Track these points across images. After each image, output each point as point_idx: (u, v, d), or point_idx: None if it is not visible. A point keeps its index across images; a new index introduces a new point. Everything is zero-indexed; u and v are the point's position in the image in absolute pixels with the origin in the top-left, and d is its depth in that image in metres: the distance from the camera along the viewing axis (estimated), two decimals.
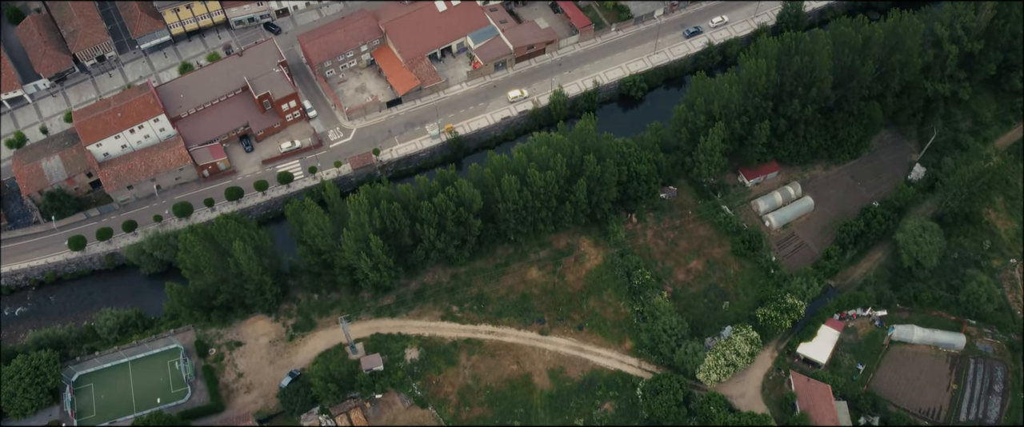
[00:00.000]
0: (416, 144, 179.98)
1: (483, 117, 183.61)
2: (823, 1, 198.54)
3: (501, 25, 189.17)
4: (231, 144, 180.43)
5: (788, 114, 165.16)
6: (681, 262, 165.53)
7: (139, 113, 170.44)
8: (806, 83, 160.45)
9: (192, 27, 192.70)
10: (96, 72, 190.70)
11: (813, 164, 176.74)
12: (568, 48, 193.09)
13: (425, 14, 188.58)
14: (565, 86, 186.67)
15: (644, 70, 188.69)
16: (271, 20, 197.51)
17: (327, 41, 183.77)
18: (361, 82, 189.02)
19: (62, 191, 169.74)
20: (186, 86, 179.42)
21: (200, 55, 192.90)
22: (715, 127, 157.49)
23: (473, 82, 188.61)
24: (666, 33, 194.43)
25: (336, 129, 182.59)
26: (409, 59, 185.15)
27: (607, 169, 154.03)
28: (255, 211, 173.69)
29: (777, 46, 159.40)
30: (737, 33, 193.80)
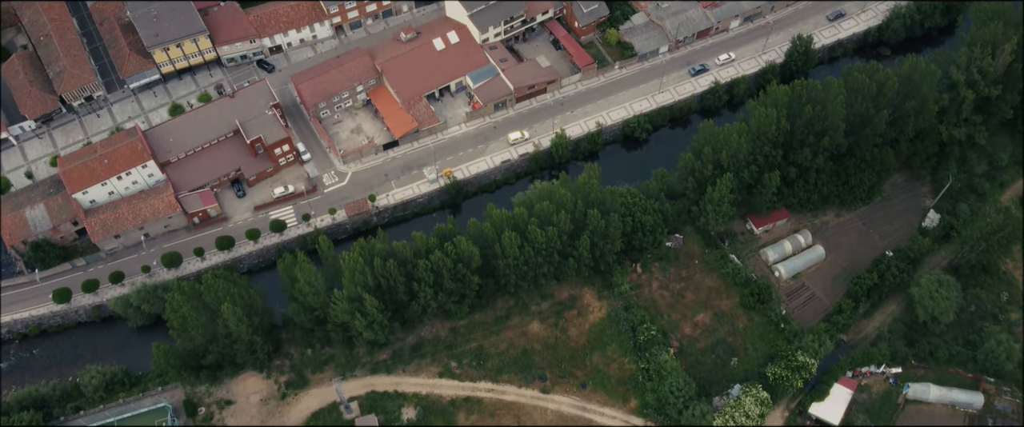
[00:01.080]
0: (413, 189, 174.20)
1: (483, 160, 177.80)
2: (833, 39, 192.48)
3: (501, 64, 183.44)
4: (222, 189, 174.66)
5: (798, 162, 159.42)
6: (688, 315, 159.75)
7: (127, 159, 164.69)
8: (818, 131, 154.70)
9: (182, 65, 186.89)
10: (84, 112, 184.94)
11: (824, 210, 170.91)
12: (570, 87, 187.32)
13: (423, 53, 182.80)
14: (567, 127, 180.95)
15: (649, 110, 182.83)
16: (264, 57, 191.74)
17: (321, 82, 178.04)
18: (357, 123, 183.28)
19: (47, 240, 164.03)
20: (176, 129, 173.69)
21: (191, 94, 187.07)
22: (723, 178, 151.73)
23: (472, 123, 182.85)
24: (671, 71, 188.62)
25: (331, 173, 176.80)
26: (406, 100, 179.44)
27: (611, 223, 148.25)
28: (247, 260, 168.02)
29: (787, 94, 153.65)
30: (744, 72, 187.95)
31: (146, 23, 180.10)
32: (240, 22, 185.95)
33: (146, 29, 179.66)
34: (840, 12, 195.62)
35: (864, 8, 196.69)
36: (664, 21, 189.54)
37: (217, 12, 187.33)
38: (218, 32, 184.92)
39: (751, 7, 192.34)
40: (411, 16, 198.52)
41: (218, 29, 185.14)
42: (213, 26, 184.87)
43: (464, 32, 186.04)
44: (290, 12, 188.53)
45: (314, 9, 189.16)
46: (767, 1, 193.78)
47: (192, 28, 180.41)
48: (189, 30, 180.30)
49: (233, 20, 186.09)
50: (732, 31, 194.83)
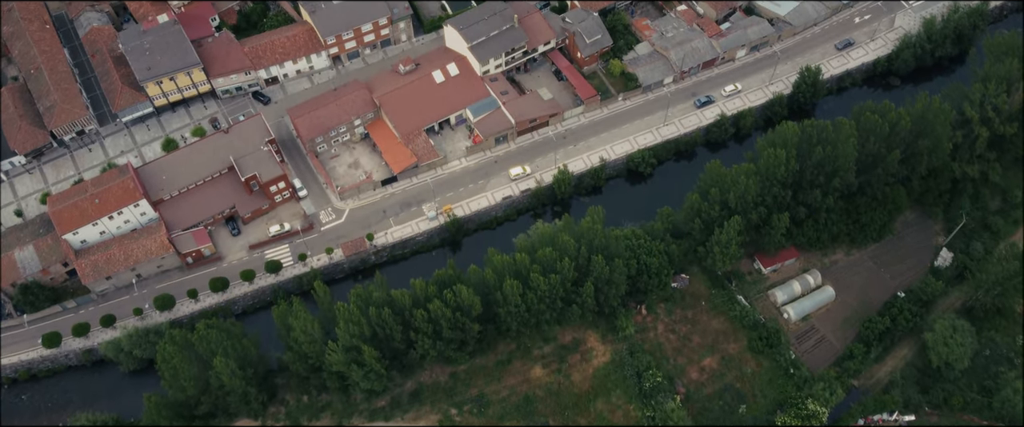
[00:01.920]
0: (413, 227, 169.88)
1: (483, 196, 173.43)
2: (841, 68, 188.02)
3: (502, 97, 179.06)
4: (217, 226, 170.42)
5: (808, 202, 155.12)
6: (694, 359, 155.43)
7: (118, 198, 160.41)
8: (828, 172, 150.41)
9: (176, 98, 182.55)
10: (75, 146, 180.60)
11: (833, 248, 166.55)
12: (573, 119, 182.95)
13: (422, 86, 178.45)
14: (570, 162, 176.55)
15: (653, 144, 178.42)
16: (260, 89, 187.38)
17: (318, 116, 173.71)
18: (354, 157, 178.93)
19: (36, 283, 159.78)
20: (169, 166, 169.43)
21: (185, 127, 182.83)
22: (731, 220, 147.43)
23: (473, 157, 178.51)
24: (676, 102, 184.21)
25: (328, 210, 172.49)
26: (405, 134, 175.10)
27: (616, 269, 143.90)
28: (241, 301, 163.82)
29: (797, 135, 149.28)
30: (751, 103, 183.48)
31: (138, 56, 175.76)
32: (235, 54, 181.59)
33: (138, 62, 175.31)
34: (849, 41, 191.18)
35: (873, 37, 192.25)
36: (669, 51, 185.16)
37: (211, 43, 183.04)
38: (212, 64, 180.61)
39: (758, 36, 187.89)
40: (410, 46, 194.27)
41: (212, 61, 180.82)
42: (207, 58, 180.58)
43: (464, 64, 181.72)
44: (286, 43, 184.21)
45: (311, 40, 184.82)
46: (774, 30, 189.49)
47: (186, 61, 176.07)
48: (183, 63, 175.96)
49: (227, 52, 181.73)
50: (738, 61, 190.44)
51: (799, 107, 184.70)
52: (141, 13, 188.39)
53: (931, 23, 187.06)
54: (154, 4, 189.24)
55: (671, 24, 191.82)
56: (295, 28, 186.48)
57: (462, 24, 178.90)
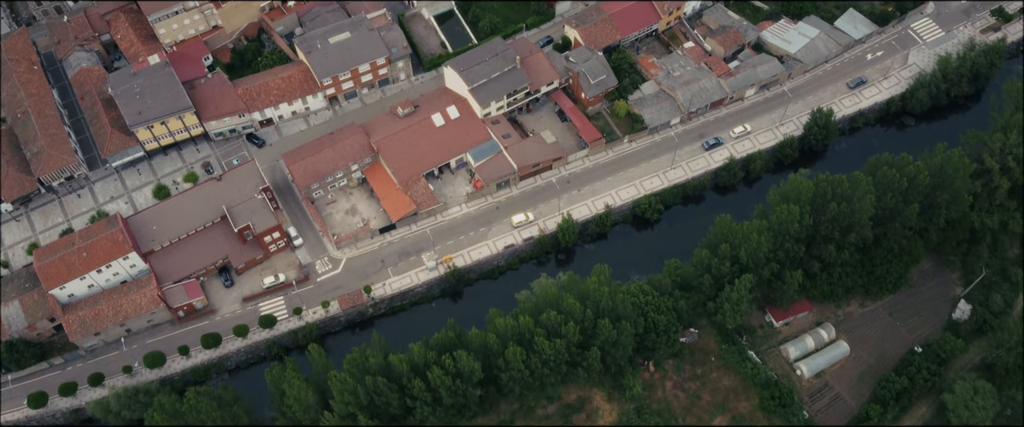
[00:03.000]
0: (412, 277, 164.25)
1: (485, 245, 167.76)
2: (854, 108, 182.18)
3: (504, 140, 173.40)
4: (209, 277, 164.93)
5: (822, 257, 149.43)
6: (704, 418, 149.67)
7: (107, 252, 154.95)
8: (843, 227, 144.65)
9: (168, 142, 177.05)
10: (64, 192, 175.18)
11: (847, 300, 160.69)
12: (577, 162, 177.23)
13: (421, 129, 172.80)
14: (574, 208, 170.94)
15: (660, 189, 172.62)
16: (254, 131, 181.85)
17: (314, 162, 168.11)
18: (351, 203, 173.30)
19: (22, 339, 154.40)
20: (159, 216, 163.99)
21: (177, 172, 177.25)
22: (742, 279, 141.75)
23: (474, 203, 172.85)
24: (684, 144, 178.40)
25: (324, 259, 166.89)
26: (404, 180, 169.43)
27: (623, 332, 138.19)
28: (234, 357, 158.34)
29: (811, 190, 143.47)
30: (761, 145, 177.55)
31: (128, 100, 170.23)
32: (228, 96, 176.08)
33: (128, 107, 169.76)
34: (861, 79, 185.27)
35: (886, 74, 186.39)
36: (676, 91, 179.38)
37: (203, 85, 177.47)
38: (205, 107, 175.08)
39: (768, 75, 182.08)
40: (409, 85, 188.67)
41: (205, 104, 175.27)
42: (199, 100, 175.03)
43: (464, 106, 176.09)
44: (281, 85, 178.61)
45: (306, 81, 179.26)
46: (784, 69, 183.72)
47: (177, 105, 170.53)
48: (174, 107, 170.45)
49: (221, 94, 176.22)
50: (747, 100, 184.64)
51: (810, 149, 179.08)
52: (132, 53, 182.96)
53: (946, 61, 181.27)
54: (145, 44, 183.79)
55: (678, 62, 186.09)
56: (290, 68, 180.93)
57: (462, 65, 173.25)
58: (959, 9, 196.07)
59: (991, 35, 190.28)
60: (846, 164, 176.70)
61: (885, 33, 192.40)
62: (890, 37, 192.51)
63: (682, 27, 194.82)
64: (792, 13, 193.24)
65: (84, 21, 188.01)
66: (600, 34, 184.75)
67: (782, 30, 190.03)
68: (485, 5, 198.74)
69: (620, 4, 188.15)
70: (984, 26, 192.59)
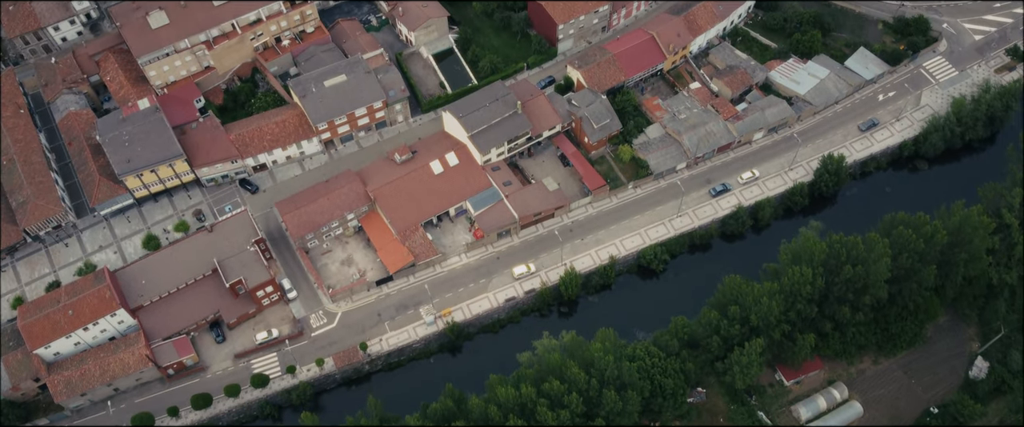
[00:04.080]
0: (409, 332, 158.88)
1: (485, 297, 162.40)
2: (865, 152, 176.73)
3: (505, 188, 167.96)
4: (200, 332, 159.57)
5: (835, 317, 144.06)
6: None
7: (94, 309, 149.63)
8: (858, 289, 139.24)
9: (158, 189, 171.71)
10: (51, 241, 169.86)
11: (860, 357, 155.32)
12: (580, 210, 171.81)
13: (419, 177, 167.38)
14: (577, 258, 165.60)
15: (666, 238, 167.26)
16: (247, 176, 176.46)
17: (308, 212, 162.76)
18: (347, 253, 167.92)
19: (6, 400, 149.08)
20: (148, 270, 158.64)
21: (168, 220, 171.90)
22: (753, 343, 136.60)
23: (474, 252, 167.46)
24: (690, 190, 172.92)
25: (319, 313, 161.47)
26: (401, 230, 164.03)
27: (629, 401, 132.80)
28: (226, 417, 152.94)
29: (824, 252, 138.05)
30: (769, 192, 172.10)
31: (117, 148, 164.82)
32: (220, 142, 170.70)
33: (117, 155, 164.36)
34: (873, 122, 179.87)
35: (899, 116, 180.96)
36: (681, 136, 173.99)
37: (195, 130, 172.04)
38: (196, 153, 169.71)
39: (776, 119, 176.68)
40: (407, 127, 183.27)
41: (196, 150, 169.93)
42: (190, 147, 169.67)
43: (464, 152, 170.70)
44: (275, 129, 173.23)
45: (301, 125, 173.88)
46: (793, 111, 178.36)
47: (168, 153, 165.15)
48: (164, 155, 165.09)
49: (213, 140, 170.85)
50: (755, 143, 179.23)
51: (820, 195, 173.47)
52: (122, 95, 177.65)
53: (961, 104, 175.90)
54: (135, 86, 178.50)
55: (684, 104, 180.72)
56: (284, 112, 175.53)
57: (461, 111, 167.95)
58: (973, 48, 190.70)
59: (1006, 75, 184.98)
60: (857, 211, 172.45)
61: (897, 73, 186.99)
62: (902, 77, 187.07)
63: (688, 66, 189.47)
64: (801, 52, 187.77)
65: (73, 62, 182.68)
66: (603, 75, 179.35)
67: (791, 70, 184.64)
68: (485, 43, 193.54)
69: (624, 44, 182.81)
70: (999, 65, 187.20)
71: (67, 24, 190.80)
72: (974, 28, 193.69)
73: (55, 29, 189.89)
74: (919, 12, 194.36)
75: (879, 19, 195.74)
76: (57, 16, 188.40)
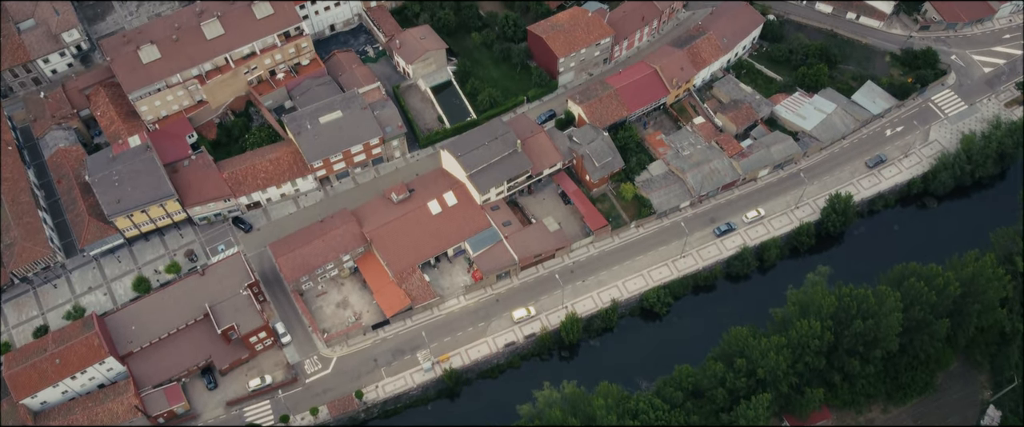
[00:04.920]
0: (406, 379, 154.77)
1: (484, 342, 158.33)
2: (873, 190, 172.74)
3: (504, 229, 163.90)
4: (191, 378, 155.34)
5: (845, 368, 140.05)
6: None
7: (82, 358, 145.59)
8: (868, 342, 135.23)
9: (149, 228, 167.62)
10: (39, 282, 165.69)
11: (869, 406, 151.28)
12: (581, 250, 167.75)
13: (416, 217, 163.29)
14: (578, 300, 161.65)
15: (669, 280, 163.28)
16: (240, 214, 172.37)
17: (303, 254, 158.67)
18: (343, 295, 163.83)
19: None
20: (138, 315, 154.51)
21: (159, 260, 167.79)
22: (760, 397, 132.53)
23: (472, 295, 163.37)
24: (694, 229, 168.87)
25: (313, 358, 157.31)
26: (398, 272, 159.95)
27: None
28: None
29: (834, 305, 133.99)
30: (775, 231, 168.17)
31: (106, 188, 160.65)
32: (213, 180, 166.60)
33: (107, 196, 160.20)
34: (880, 158, 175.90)
35: (907, 152, 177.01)
36: (685, 174, 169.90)
37: (187, 167, 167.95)
38: (188, 192, 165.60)
39: (782, 156, 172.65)
40: (404, 163, 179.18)
41: (188, 188, 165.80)
42: (182, 185, 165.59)
43: (462, 191, 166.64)
44: (269, 167, 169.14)
45: (296, 163, 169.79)
46: (799, 147, 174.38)
47: (159, 193, 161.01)
48: (155, 195, 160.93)
49: (205, 178, 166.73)
50: (761, 180, 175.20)
51: (827, 234, 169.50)
52: (113, 131, 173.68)
53: (970, 140, 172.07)
54: (126, 122, 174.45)
55: (687, 139, 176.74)
56: (279, 149, 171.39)
57: (460, 150, 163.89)
58: (982, 80, 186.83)
59: (1016, 109, 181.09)
60: (865, 251, 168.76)
61: (905, 107, 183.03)
62: (910, 111, 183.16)
63: (691, 100, 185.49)
64: (807, 86, 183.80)
65: (62, 97, 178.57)
66: (605, 111, 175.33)
67: (797, 104, 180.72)
68: (484, 76, 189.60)
69: (626, 78, 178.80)
70: (1009, 99, 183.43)
71: (57, 56, 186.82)
72: (983, 60, 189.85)
73: (45, 61, 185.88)
74: (927, 44, 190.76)
75: (887, 51, 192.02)
76: (47, 48, 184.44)
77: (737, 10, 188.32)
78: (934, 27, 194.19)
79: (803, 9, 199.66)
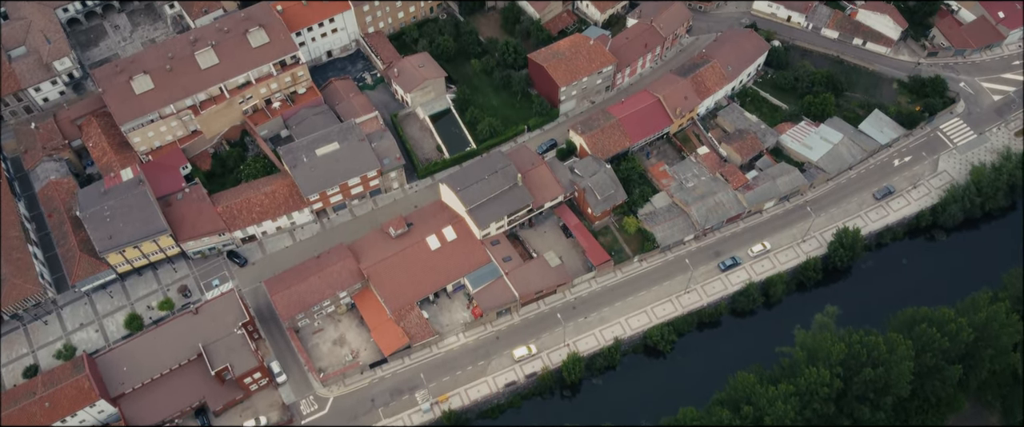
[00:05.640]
0: (404, 420, 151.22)
1: (483, 382, 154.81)
2: (881, 223, 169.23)
3: (504, 264, 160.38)
4: (184, 418, 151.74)
5: (854, 414, 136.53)
6: None
7: (72, 400, 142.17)
8: (879, 389, 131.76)
9: (142, 263, 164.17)
10: (29, 319, 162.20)
11: None
12: (583, 285, 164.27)
13: (415, 253, 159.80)
14: (581, 338, 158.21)
15: (673, 317, 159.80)
16: (235, 248, 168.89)
17: (299, 291, 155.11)
18: (340, 332, 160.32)
19: None
20: (130, 355, 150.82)
21: (152, 295, 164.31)
22: None
23: (472, 332, 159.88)
24: (698, 264, 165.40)
25: (309, 398, 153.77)
26: (396, 310, 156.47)
27: None
28: None
29: (843, 352, 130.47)
30: (781, 266, 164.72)
31: (98, 224, 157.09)
32: (207, 214, 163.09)
33: (98, 232, 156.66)
34: (888, 189, 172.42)
35: (915, 183, 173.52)
36: (690, 207, 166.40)
37: (180, 201, 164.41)
38: (181, 226, 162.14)
39: (788, 188, 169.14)
40: (403, 194, 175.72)
41: (181, 223, 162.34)
42: (175, 219, 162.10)
43: (462, 225, 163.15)
44: (264, 200, 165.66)
45: (292, 196, 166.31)
46: (805, 179, 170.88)
47: (151, 228, 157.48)
48: (148, 230, 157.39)
49: (199, 212, 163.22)
50: (766, 212, 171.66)
51: (834, 268, 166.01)
52: (105, 163, 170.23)
53: (980, 172, 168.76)
54: (118, 153, 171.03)
55: (691, 171, 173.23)
56: (274, 182, 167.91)
57: (459, 184, 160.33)
58: (991, 109, 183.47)
59: None
60: (874, 286, 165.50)
61: (913, 136, 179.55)
62: (918, 140, 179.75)
63: (695, 128, 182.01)
64: (813, 114, 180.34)
65: (54, 128, 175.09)
66: (608, 141, 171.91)
67: (803, 134, 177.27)
68: (484, 103, 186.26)
69: (629, 107, 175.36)
70: (1019, 128, 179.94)
71: (49, 84, 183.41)
72: (992, 87, 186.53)
73: (36, 90, 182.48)
74: (935, 70, 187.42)
75: (894, 78, 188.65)
76: (38, 77, 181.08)
77: (742, 37, 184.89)
78: (942, 53, 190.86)
79: (809, 35, 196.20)
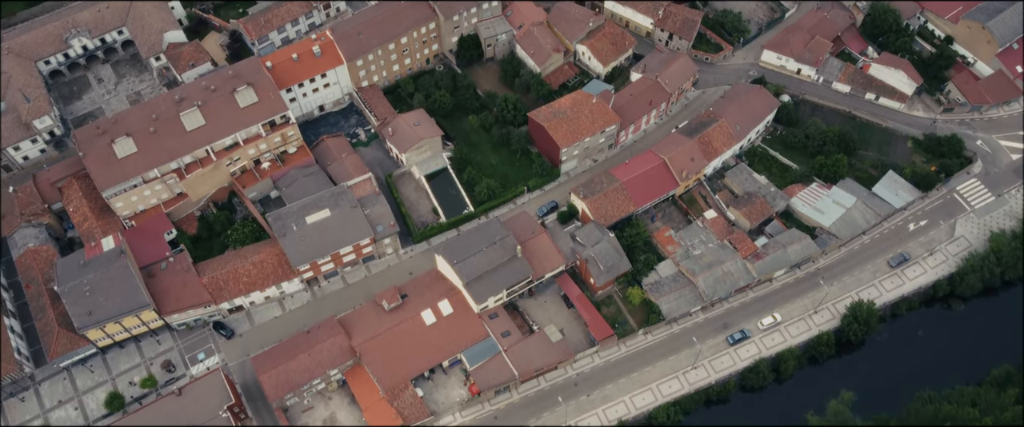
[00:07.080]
0: None
1: None
2: (896, 293, 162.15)
3: (503, 340, 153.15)
4: None
5: None
6: None
7: None
8: None
9: (123, 337, 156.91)
10: (5, 395, 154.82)
11: None
12: (585, 360, 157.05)
13: (409, 328, 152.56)
14: (582, 418, 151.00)
15: (679, 395, 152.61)
16: (222, 319, 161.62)
17: (287, 370, 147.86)
18: (330, 411, 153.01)
19: None
20: None
21: (134, 370, 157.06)
22: None
23: (469, 411, 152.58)
24: (706, 337, 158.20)
25: None
26: (389, 389, 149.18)
27: None
28: None
29: None
30: (792, 339, 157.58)
31: (77, 299, 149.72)
32: (192, 286, 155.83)
33: (77, 307, 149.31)
34: (903, 256, 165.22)
35: (932, 250, 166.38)
36: (697, 277, 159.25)
37: (164, 272, 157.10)
38: (165, 298, 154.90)
39: (799, 257, 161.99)
40: (397, 260, 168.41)
41: (165, 295, 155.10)
42: (159, 291, 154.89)
43: (458, 297, 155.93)
44: (252, 270, 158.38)
45: (281, 266, 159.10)
46: (817, 246, 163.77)
47: (133, 303, 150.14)
48: (129, 305, 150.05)
49: (183, 284, 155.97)
50: (777, 280, 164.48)
51: (847, 342, 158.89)
52: (86, 229, 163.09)
53: (1000, 239, 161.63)
54: (100, 218, 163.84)
55: (698, 236, 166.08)
56: (262, 250, 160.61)
57: (455, 256, 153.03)
58: (1010, 168, 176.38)
59: None
60: (889, 361, 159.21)
61: (928, 198, 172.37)
62: (934, 203, 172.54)
63: (702, 189, 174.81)
64: (825, 176, 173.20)
65: (33, 191, 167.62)
66: (611, 206, 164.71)
67: (814, 197, 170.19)
68: (482, 161, 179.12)
69: (633, 170, 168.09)
70: None
71: (28, 143, 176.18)
72: (1010, 145, 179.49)
73: (15, 149, 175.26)
74: (951, 127, 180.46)
75: (908, 135, 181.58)
76: (17, 136, 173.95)
77: (750, 93, 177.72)
78: (958, 109, 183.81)
79: (819, 89, 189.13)
